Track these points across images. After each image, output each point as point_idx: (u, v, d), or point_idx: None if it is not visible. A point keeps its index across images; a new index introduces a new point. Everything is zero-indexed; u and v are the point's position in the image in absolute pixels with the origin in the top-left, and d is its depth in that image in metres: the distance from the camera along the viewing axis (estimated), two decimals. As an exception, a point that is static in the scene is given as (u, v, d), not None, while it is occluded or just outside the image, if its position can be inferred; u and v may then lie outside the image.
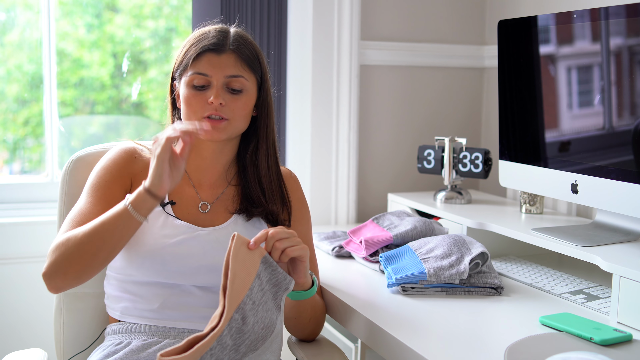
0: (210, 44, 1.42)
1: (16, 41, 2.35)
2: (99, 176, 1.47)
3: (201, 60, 1.42)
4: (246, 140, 1.53)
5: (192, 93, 1.42)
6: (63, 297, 1.58)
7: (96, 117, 2.51)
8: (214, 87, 1.41)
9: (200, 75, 1.41)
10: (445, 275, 1.56)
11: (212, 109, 1.41)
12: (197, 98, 1.42)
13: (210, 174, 1.51)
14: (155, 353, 1.36)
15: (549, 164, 1.80)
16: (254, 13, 2.30)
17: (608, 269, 1.46)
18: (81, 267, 1.34)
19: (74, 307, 1.59)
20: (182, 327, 1.40)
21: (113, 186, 1.45)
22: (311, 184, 2.40)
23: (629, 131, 1.58)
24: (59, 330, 1.59)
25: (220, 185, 1.52)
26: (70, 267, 1.33)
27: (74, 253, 1.33)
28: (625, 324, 1.40)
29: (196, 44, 1.43)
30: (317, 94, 2.37)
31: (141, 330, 1.41)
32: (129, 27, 2.48)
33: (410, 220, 1.87)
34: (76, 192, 1.55)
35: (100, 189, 1.45)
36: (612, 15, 1.59)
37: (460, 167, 2.18)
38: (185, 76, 1.43)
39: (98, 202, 1.43)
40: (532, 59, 1.83)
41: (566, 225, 1.83)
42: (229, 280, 1.22)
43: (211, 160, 1.50)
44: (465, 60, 2.55)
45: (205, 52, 1.42)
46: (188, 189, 1.49)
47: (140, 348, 1.38)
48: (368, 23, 2.43)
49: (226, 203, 1.50)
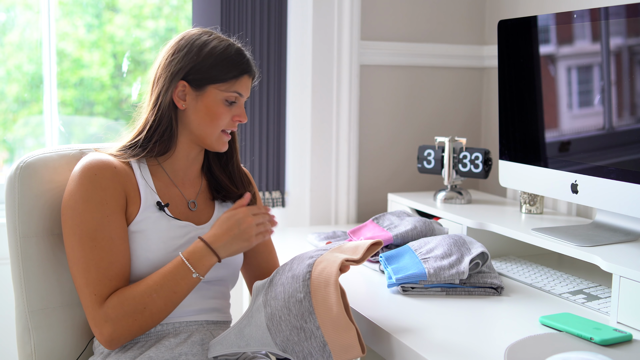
0: (248, 68, 1.49)
1: (16, 41, 2.35)
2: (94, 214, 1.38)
3: (241, 81, 1.48)
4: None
5: (225, 108, 1.48)
6: (29, 316, 1.46)
7: (96, 119, 2.51)
8: (239, 107, 1.50)
9: (238, 95, 1.48)
10: (445, 275, 1.56)
11: (235, 125, 1.50)
12: (227, 114, 1.48)
13: (190, 173, 1.55)
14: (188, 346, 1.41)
15: (549, 164, 1.80)
16: (254, 13, 2.30)
17: (608, 269, 1.46)
18: (151, 327, 1.40)
19: (44, 323, 1.47)
20: (200, 319, 1.47)
21: (115, 217, 1.39)
22: (311, 184, 2.40)
23: (629, 131, 1.58)
24: (30, 354, 1.47)
25: (198, 182, 1.56)
26: (141, 331, 1.39)
27: (146, 322, 1.38)
28: (625, 324, 1.40)
29: (237, 65, 1.47)
30: (317, 94, 2.37)
31: (163, 330, 1.43)
32: (129, 27, 2.48)
33: (410, 220, 1.87)
34: (29, 200, 1.45)
35: (107, 227, 1.38)
36: (612, 15, 1.59)
37: (460, 167, 2.18)
38: (221, 90, 1.46)
39: (111, 242, 1.37)
40: (532, 59, 1.83)
41: (566, 225, 1.83)
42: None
43: (193, 160, 1.54)
44: (465, 60, 2.55)
45: (244, 75, 1.48)
46: (173, 189, 1.51)
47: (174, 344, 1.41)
48: (368, 23, 2.43)
49: (205, 195, 1.56)
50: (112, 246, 1.37)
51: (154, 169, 1.49)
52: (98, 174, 1.39)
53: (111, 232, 1.37)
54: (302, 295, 1.30)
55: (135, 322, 1.36)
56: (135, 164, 1.47)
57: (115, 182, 1.41)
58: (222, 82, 1.46)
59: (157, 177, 1.49)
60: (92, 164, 1.41)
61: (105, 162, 1.42)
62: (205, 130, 1.47)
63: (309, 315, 1.29)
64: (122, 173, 1.44)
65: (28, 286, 1.46)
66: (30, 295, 1.46)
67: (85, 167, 1.40)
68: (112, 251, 1.37)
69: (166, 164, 1.51)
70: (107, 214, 1.38)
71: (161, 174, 1.50)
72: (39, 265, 1.47)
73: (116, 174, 1.42)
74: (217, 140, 1.49)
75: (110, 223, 1.38)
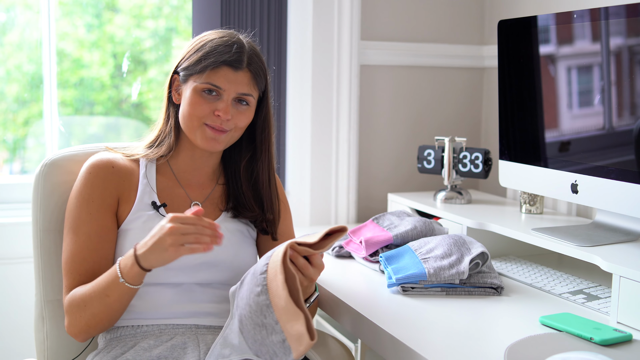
0: (231, 60, 1.41)
1: (16, 41, 2.34)
2: (80, 209, 1.42)
3: (218, 72, 1.41)
4: (237, 144, 1.54)
5: (200, 99, 1.42)
6: (45, 305, 1.55)
7: (96, 118, 2.51)
8: (224, 101, 1.42)
9: (214, 87, 1.42)
10: (445, 275, 1.56)
11: (217, 121, 1.42)
12: (204, 105, 1.42)
13: (199, 175, 1.52)
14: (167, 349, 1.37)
15: (549, 164, 1.80)
16: (254, 13, 2.30)
17: (608, 269, 1.46)
18: (101, 326, 1.37)
19: (57, 313, 1.54)
20: (188, 323, 1.42)
21: (98, 215, 1.42)
22: (311, 184, 2.40)
23: (629, 131, 1.58)
24: (42, 340, 1.55)
25: (209, 185, 1.53)
26: (90, 329, 1.37)
27: (94, 323, 1.36)
28: (625, 324, 1.40)
29: (216, 55, 1.41)
30: (317, 94, 2.37)
31: (147, 330, 1.41)
32: (129, 27, 2.48)
33: (410, 220, 1.87)
34: (52, 197, 1.53)
35: (87, 224, 1.41)
36: (612, 15, 1.59)
37: (460, 167, 2.18)
38: (197, 82, 1.42)
39: (88, 239, 1.40)
40: (532, 59, 1.83)
41: (566, 225, 1.83)
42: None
43: (200, 162, 1.51)
44: (465, 60, 2.55)
45: (223, 66, 1.41)
46: (177, 190, 1.49)
47: (153, 345, 1.38)
48: (368, 23, 2.43)
49: (215, 201, 1.52)
50: (88, 243, 1.40)
51: (163, 168, 1.50)
52: (92, 173, 1.44)
53: (90, 229, 1.40)
54: (259, 289, 1.24)
55: (81, 318, 1.36)
56: (143, 162, 1.48)
57: (107, 181, 1.43)
58: (199, 72, 1.42)
59: (165, 177, 1.49)
60: (92, 162, 1.46)
61: (103, 162, 1.45)
62: (186, 123, 1.45)
63: (267, 309, 1.22)
64: (122, 172, 1.45)
65: (45, 277, 1.54)
66: (47, 286, 1.54)
67: (86, 165, 1.46)
68: (88, 248, 1.39)
69: (172, 163, 1.51)
70: (90, 211, 1.41)
71: (168, 173, 1.50)
72: (56, 258, 1.53)
73: (112, 173, 1.44)
74: (201, 135, 1.43)
75: (91, 221, 1.41)
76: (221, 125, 1.43)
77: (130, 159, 1.48)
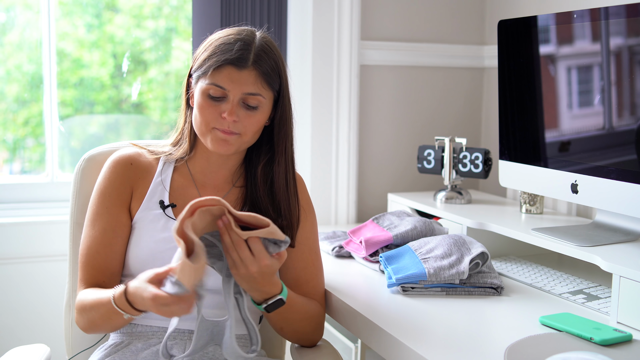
0: (233, 58, 1.36)
1: (16, 41, 2.34)
2: (98, 203, 1.45)
3: (221, 72, 1.36)
4: (257, 147, 1.49)
5: (206, 103, 1.38)
6: (72, 294, 1.59)
7: (96, 117, 2.51)
8: (229, 102, 1.37)
9: (218, 88, 1.37)
10: (445, 275, 1.56)
11: (225, 124, 1.37)
12: (211, 109, 1.38)
13: (215, 177, 1.49)
14: (155, 353, 1.37)
15: (549, 164, 1.80)
16: (253, 13, 2.30)
17: (608, 269, 1.46)
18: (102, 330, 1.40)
19: None
20: (182, 327, 1.40)
21: (114, 210, 1.44)
22: (311, 184, 2.40)
23: (629, 131, 1.58)
24: (68, 326, 1.60)
25: (225, 187, 1.50)
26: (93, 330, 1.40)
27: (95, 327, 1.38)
28: (625, 324, 1.40)
29: (218, 54, 1.37)
30: (317, 94, 2.37)
31: (143, 331, 1.41)
32: (129, 27, 2.48)
33: (410, 220, 1.87)
34: (88, 191, 1.56)
35: (103, 218, 1.43)
36: (612, 15, 1.59)
37: (460, 167, 2.18)
38: (202, 83, 1.38)
39: (103, 232, 1.42)
40: (532, 59, 1.83)
41: (566, 225, 1.83)
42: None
43: (218, 165, 1.48)
44: (465, 60, 2.55)
45: (226, 65, 1.36)
46: (191, 190, 1.48)
47: (140, 349, 1.38)
48: (368, 23, 2.43)
49: (231, 204, 1.47)
50: (102, 237, 1.41)
51: (181, 168, 1.49)
52: (111, 167, 1.47)
53: (105, 223, 1.42)
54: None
55: (83, 319, 1.38)
56: (162, 161, 1.48)
57: (124, 177, 1.45)
58: (204, 73, 1.38)
59: (182, 176, 1.49)
60: (113, 157, 1.49)
61: (124, 157, 1.48)
62: (197, 128, 1.42)
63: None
64: (139, 169, 1.47)
65: (75, 269, 1.58)
66: (76, 276, 1.57)
67: (109, 160, 1.49)
68: (102, 242, 1.41)
69: (190, 164, 1.50)
70: (106, 205, 1.43)
71: (186, 173, 1.49)
72: None
73: (129, 169, 1.46)
74: (211, 139, 1.40)
75: (106, 215, 1.42)
76: (229, 128, 1.37)
77: (153, 157, 1.49)
